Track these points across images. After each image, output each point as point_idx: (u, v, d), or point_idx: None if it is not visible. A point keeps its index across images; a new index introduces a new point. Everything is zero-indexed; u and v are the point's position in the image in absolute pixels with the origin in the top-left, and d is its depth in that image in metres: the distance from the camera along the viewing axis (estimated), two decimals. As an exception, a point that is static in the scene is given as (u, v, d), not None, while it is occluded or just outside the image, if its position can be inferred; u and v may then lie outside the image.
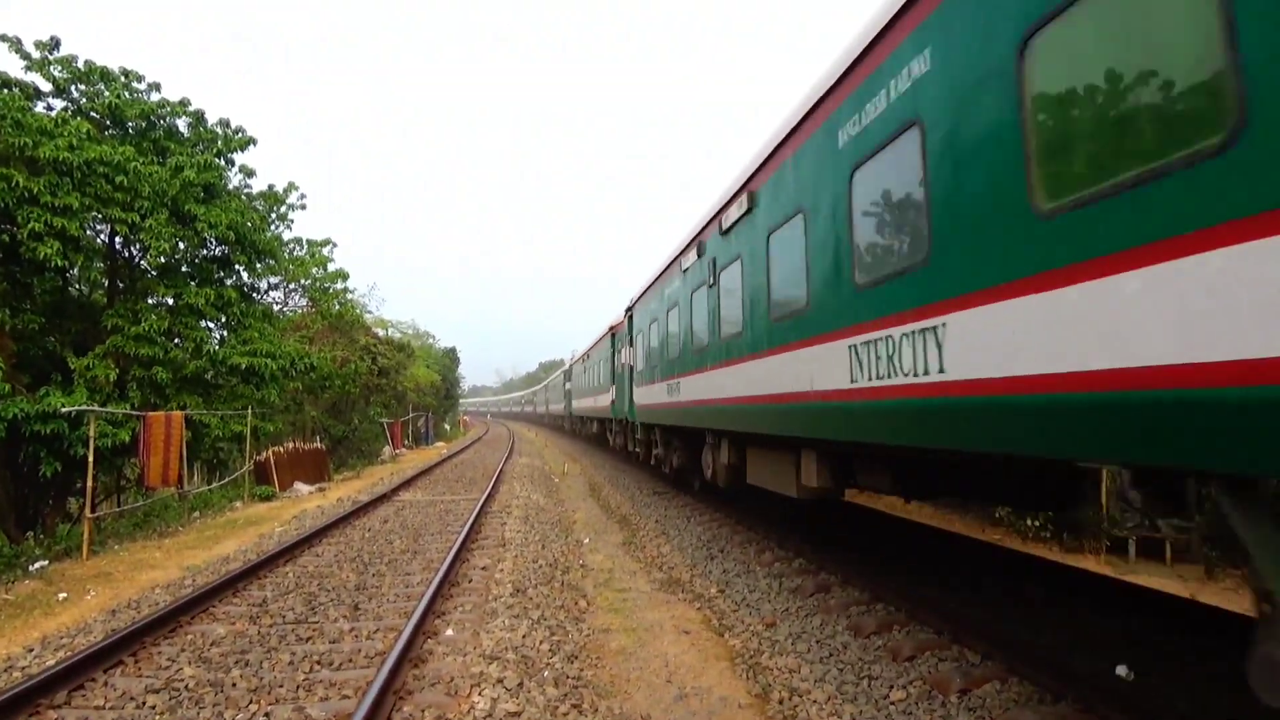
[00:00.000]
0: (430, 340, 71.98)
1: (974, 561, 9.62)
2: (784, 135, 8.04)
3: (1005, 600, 7.72)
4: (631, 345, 19.24)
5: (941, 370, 4.93)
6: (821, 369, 6.95)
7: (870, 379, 5.96)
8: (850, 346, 6.35)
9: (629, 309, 20.11)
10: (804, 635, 7.24)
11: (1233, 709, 4.98)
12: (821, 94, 7.00)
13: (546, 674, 6.17)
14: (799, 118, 7.59)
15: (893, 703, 5.63)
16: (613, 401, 23.48)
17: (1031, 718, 5.02)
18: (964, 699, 5.53)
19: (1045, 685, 5.50)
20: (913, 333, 5.30)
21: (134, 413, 15.15)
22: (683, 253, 13.17)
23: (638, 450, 20.32)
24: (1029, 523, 12.39)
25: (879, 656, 6.54)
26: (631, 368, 19.15)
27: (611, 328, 23.97)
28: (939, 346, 4.97)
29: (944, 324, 4.92)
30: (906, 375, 5.37)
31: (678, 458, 15.90)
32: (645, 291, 17.47)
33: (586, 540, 12.63)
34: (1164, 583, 9.32)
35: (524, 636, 7.02)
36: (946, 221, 4.90)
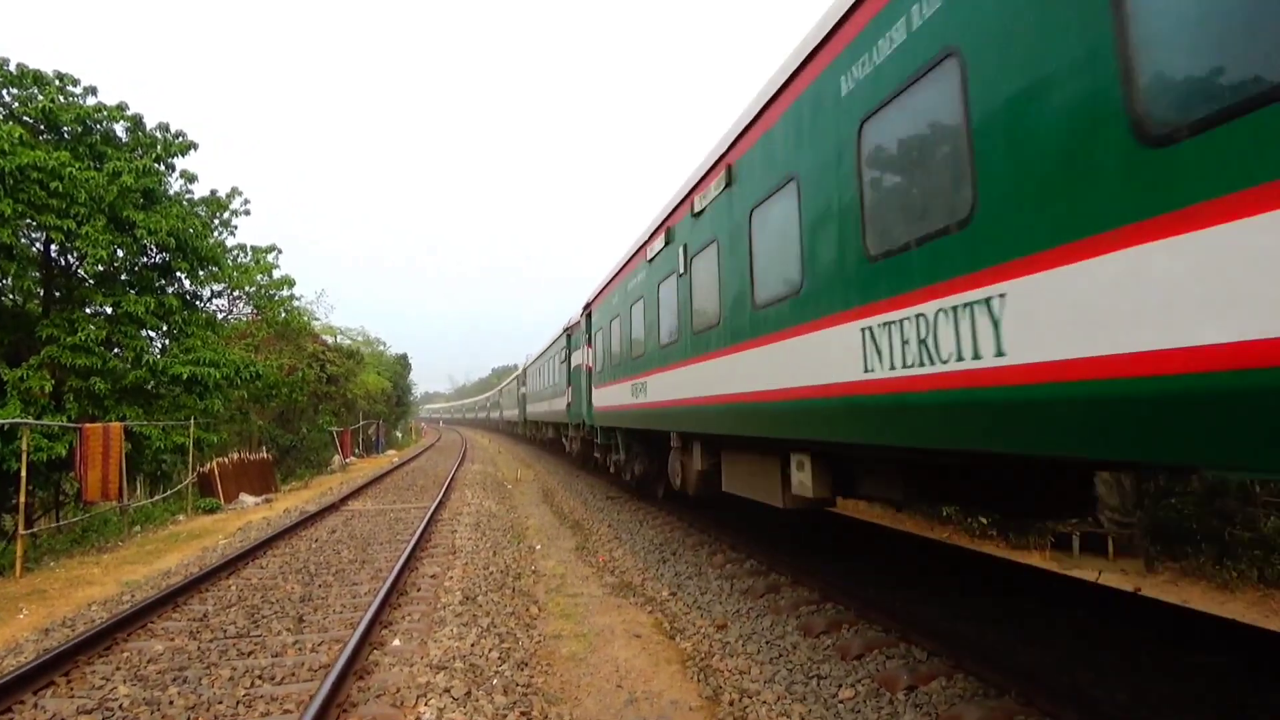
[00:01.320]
0: (381, 347, 71.06)
1: (922, 559, 9.74)
2: (771, 95, 7.15)
3: (953, 597, 7.82)
4: (590, 344, 18.30)
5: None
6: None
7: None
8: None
9: (587, 306, 19.12)
10: (754, 636, 7.25)
11: (1174, 700, 5.10)
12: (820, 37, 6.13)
13: (495, 682, 6.10)
14: (790, 71, 6.71)
15: (841, 701, 5.65)
16: (568, 405, 22.57)
17: (976, 712, 5.07)
18: (911, 695, 5.58)
19: (990, 680, 5.57)
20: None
21: (71, 425, 14.72)
22: (648, 241, 12.42)
23: (596, 456, 19.93)
24: (973, 521, 12.58)
25: (828, 655, 6.57)
26: (589, 369, 18.31)
27: (567, 328, 23.11)
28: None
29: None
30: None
31: (640, 465, 15.53)
32: (605, 287, 16.54)
33: (539, 546, 12.54)
34: (1107, 577, 9.51)
35: (473, 645, 6.93)
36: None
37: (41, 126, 17.14)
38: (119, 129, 18.61)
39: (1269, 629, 6.38)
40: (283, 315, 25.95)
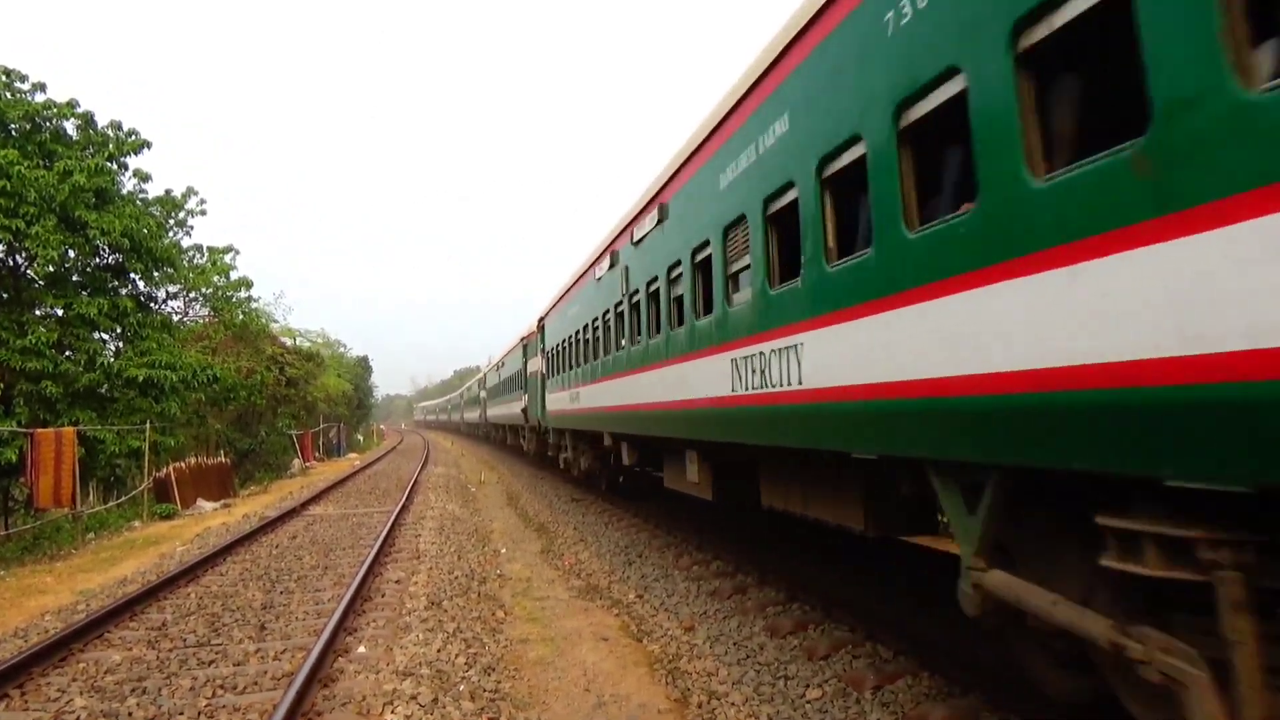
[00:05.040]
0: (341, 349, 70.30)
1: (883, 557, 9.82)
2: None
3: (914, 593, 7.89)
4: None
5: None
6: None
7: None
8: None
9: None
10: (722, 638, 7.28)
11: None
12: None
13: (462, 688, 6.05)
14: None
15: (809, 701, 5.69)
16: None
17: (941, 711, 5.14)
18: (877, 695, 5.63)
19: (954, 678, 5.64)
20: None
21: (21, 430, 14.39)
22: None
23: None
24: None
25: (795, 656, 6.61)
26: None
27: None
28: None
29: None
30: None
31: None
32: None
33: (504, 549, 12.47)
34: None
35: (439, 650, 6.87)
36: None
37: (-12, 124, 16.73)
38: (69, 126, 18.23)
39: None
40: (240, 317, 25.57)
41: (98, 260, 18.50)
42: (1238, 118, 2.59)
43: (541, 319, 20.31)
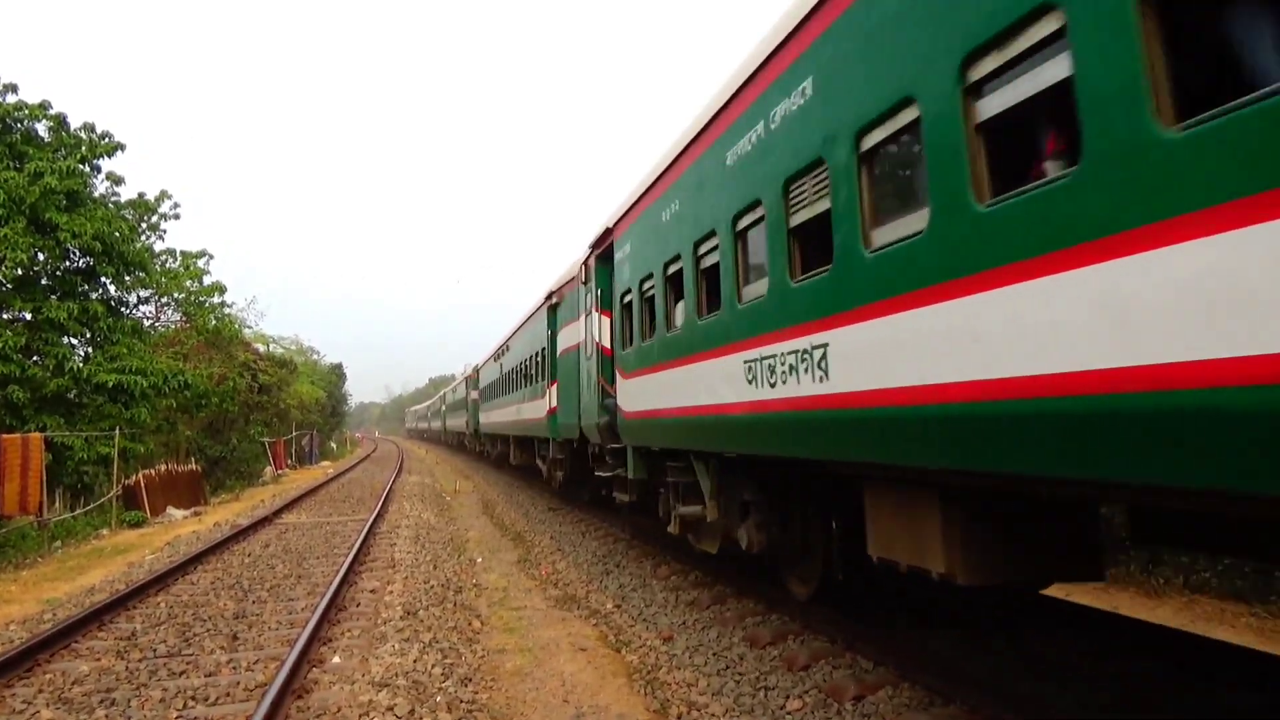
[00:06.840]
0: (315, 356, 69.73)
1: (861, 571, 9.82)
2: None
3: (893, 606, 7.90)
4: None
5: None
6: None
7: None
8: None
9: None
10: (701, 648, 7.25)
11: (1113, 705, 5.21)
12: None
13: (439, 699, 5.97)
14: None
15: (789, 713, 5.67)
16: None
17: (923, 721, 5.13)
18: (858, 705, 5.62)
19: (935, 689, 5.64)
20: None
21: (-14, 436, 14.08)
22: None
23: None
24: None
25: (775, 667, 6.59)
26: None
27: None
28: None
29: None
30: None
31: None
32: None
33: (480, 559, 12.38)
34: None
35: (415, 661, 6.78)
36: None
37: (-44, 124, 16.48)
38: (41, 128, 17.98)
39: (1194, 634, 6.61)
40: (213, 323, 25.27)
41: (68, 263, 18.24)
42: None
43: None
